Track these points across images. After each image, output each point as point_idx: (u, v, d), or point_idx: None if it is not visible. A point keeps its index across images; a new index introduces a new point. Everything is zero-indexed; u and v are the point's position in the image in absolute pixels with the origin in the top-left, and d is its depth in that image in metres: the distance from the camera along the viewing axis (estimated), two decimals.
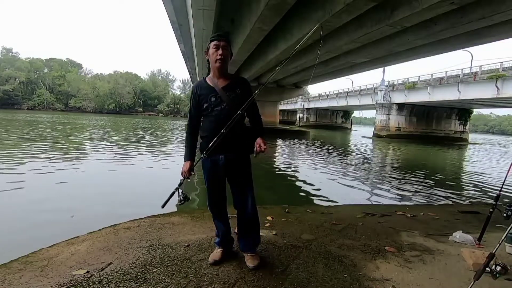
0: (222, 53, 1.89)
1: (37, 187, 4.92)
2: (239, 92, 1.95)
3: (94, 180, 5.72)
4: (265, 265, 2.03)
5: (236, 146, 1.96)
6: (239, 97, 1.93)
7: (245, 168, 2.02)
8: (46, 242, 2.47)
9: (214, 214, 2.11)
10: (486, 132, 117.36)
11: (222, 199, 2.07)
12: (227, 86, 1.95)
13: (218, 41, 1.90)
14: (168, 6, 12.49)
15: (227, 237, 2.13)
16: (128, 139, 14.47)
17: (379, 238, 2.77)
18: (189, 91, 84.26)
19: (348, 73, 20.76)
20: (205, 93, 1.96)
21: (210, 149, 1.88)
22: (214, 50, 1.90)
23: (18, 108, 62.24)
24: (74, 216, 3.57)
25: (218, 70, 1.93)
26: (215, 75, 1.97)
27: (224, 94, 1.92)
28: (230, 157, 1.96)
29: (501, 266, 1.48)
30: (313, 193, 5.64)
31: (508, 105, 32.02)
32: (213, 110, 1.93)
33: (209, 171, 2.00)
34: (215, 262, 2.00)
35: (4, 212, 3.71)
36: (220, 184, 2.02)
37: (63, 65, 77.81)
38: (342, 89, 43.46)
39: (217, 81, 1.96)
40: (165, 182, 6.16)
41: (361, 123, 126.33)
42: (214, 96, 1.93)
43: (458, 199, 5.88)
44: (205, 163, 1.99)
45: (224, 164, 1.96)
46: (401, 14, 7.90)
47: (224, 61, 1.91)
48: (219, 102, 1.92)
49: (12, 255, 2.18)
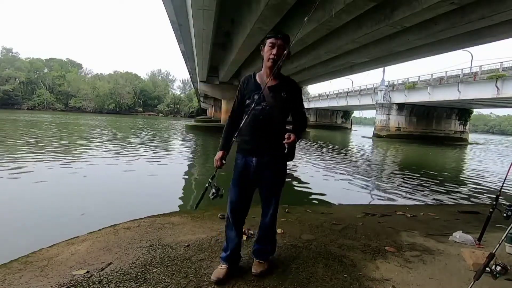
0: (276, 53, 1.79)
1: (37, 187, 4.91)
2: (284, 95, 1.84)
3: (94, 180, 5.71)
4: (271, 273, 1.94)
5: (271, 150, 1.83)
6: (283, 100, 1.83)
7: (276, 175, 1.89)
8: (46, 242, 2.46)
9: (231, 221, 1.92)
10: (486, 132, 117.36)
11: (244, 207, 1.92)
12: (274, 87, 1.84)
13: (276, 39, 1.80)
14: (168, 6, 12.47)
15: (235, 254, 1.94)
16: (129, 139, 14.47)
17: (379, 238, 2.77)
18: (189, 91, 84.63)
19: (348, 73, 20.75)
20: (251, 89, 1.87)
21: (245, 148, 1.85)
22: (269, 48, 1.81)
23: (18, 108, 62.28)
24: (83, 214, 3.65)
25: (269, 69, 1.83)
26: (265, 73, 1.87)
27: (269, 94, 1.82)
28: (263, 161, 1.84)
29: (501, 266, 1.47)
30: (313, 193, 5.64)
31: (508, 105, 31.99)
32: (253, 109, 1.82)
33: (240, 170, 1.88)
34: (218, 280, 1.79)
35: (4, 212, 3.71)
36: (246, 189, 1.89)
37: (63, 65, 77.90)
38: (342, 89, 43.48)
39: (266, 79, 1.85)
40: (165, 182, 6.17)
41: (361, 123, 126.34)
42: (258, 94, 1.82)
43: (458, 199, 5.88)
44: (238, 161, 1.90)
45: (255, 168, 1.84)
46: (401, 14, 7.90)
47: (277, 61, 1.80)
48: (261, 101, 1.82)
49: (12, 255, 2.18)
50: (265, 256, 1.99)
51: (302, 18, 9.38)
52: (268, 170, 1.86)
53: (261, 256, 1.97)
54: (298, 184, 6.44)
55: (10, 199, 4.27)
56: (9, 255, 2.18)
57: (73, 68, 79.96)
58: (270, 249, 2.02)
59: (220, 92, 25.32)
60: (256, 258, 1.97)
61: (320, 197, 5.41)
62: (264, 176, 1.87)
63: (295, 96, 1.89)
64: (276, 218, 1.97)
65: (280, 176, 1.92)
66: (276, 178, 1.90)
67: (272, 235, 2.01)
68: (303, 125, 1.94)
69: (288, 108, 1.88)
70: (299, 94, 1.93)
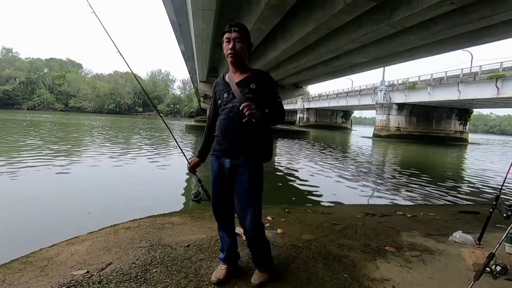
0: (232, 47, 1.69)
1: (37, 187, 4.92)
2: (253, 87, 1.72)
3: (94, 180, 5.71)
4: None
5: (244, 150, 1.72)
6: (254, 93, 1.70)
7: (251, 178, 1.73)
8: (46, 242, 2.46)
9: (218, 223, 1.91)
10: (486, 132, 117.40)
11: (226, 209, 1.86)
12: (242, 81, 1.75)
13: (229, 33, 1.70)
14: (168, 6, 12.48)
15: (232, 253, 1.91)
16: (129, 139, 14.47)
17: (379, 238, 2.77)
18: (189, 91, 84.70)
19: (348, 73, 20.71)
20: (220, 89, 1.82)
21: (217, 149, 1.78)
22: (225, 43, 1.72)
23: (18, 108, 62.30)
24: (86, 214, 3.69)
25: (232, 65, 1.77)
26: (232, 70, 1.80)
27: (237, 90, 1.72)
28: (236, 163, 1.73)
29: (501, 266, 1.48)
30: (313, 193, 5.64)
31: (508, 105, 32.01)
32: (225, 108, 1.76)
33: (214, 174, 1.82)
34: (219, 281, 1.78)
35: (4, 212, 3.71)
36: (224, 192, 1.82)
37: (63, 65, 77.95)
38: (342, 89, 43.48)
39: (233, 76, 1.78)
40: (166, 182, 6.17)
41: (361, 123, 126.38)
42: (227, 92, 1.76)
43: (458, 199, 5.88)
44: (213, 164, 1.83)
45: (229, 170, 1.75)
46: (401, 14, 7.89)
47: (236, 55, 1.70)
48: (230, 98, 1.74)
49: (12, 255, 2.18)
50: (263, 265, 1.86)
51: (302, 18, 9.39)
52: (243, 173, 1.72)
53: (259, 264, 1.86)
54: (298, 184, 6.44)
55: (10, 199, 4.27)
56: (9, 255, 2.18)
57: (73, 68, 80.00)
58: (264, 257, 1.88)
59: None
60: (255, 266, 1.88)
61: (320, 197, 5.41)
62: (240, 180, 1.74)
63: (266, 85, 1.76)
64: (257, 225, 1.78)
65: (258, 178, 1.77)
66: (253, 181, 1.74)
67: (260, 243, 1.85)
68: (277, 114, 1.77)
69: (261, 100, 1.71)
70: (271, 83, 1.79)
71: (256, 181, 1.77)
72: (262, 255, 1.87)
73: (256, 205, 1.77)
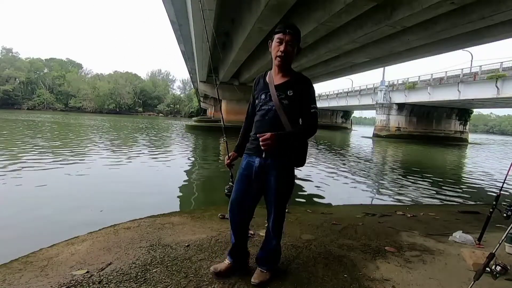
0: (284, 49, 1.65)
1: (36, 188, 4.91)
2: (291, 94, 1.68)
3: (94, 180, 5.71)
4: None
5: (275, 151, 1.66)
6: (290, 100, 1.68)
7: (278, 180, 1.71)
8: (46, 242, 2.46)
9: (230, 220, 1.85)
10: (486, 132, 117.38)
11: (243, 209, 1.81)
12: (281, 85, 1.71)
13: (284, 35, 1.65)
14: (168, 6, 12.48)
15: (239, 251, 1.90)
16: (129, 139, 14.47)
17: (379, 238, 2.76)
18: (189, 91, 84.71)
19: (348, 73, 20.77)
20: (259, 89, 1.80)
21: (249, 147, 1.78)
22: (276, 44, 1.67)
23: (18, 108, 62.32)
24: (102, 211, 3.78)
25: (278, 67, 1.73)
26: (275, 71, 1.77)
27: (275, 93, 1.70)
28: (266, 163, 1.70)
29: (501, 266, 1.48)
30: (313, 193, 5.64)
31: (508, 105, 32.03)
32: (260, 108, 1.75)
33: (241, 172, 1.80)
34: (215, 271, 1.80)
35: (4, 212, 3.71)
36: (247, 191, 1.77)
37: (63, 65, 77.97)
38: (342, 89, 43.48)
39: (274, 77, 1.75)
40: (166, 182, 6.17)
41: (361, 123, 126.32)
42: (265, 94, 1.74)
43: (458, 199, 5.88)
44: (242, 162, 1.82)
45: (258, 169, 1.72)
46: (401, 14, 7.89)
47: (286, 59, 1.68)
48: (267, 101, 1.73)
49: (12, 255, 2.18)
50: (268, 265, 1.85)
51: (302, 18, 9.39)
52: (271, 175, 1.71)
53: (264, 264, 1.85)
54: (298, 184, 6.44)
55: (9, 199, 4.27)
56: (9, 255, 2.18)
57: (73, 68, 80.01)
58: (273, 259, 1.88)
59: (220, 92, 25.33)
60: (258, 266, 1.87)
61: (320, 197, 5.41)
62: (268, 181, 1.73)
63: (304, 94, 1.70)
64: (278, 229, 1.81)
65: (285, 183, 1.75)
66: (279, 185, 1.72)
67: (275, 244, 1.85)
68: (307, 128, 1.71)
69: (296, 108, 1.70)
70: (309, 90, 1.72)
71: (283, 185, 1.74)
72: (268, 257, 1.87)
73: (280, 209, 1.76)
